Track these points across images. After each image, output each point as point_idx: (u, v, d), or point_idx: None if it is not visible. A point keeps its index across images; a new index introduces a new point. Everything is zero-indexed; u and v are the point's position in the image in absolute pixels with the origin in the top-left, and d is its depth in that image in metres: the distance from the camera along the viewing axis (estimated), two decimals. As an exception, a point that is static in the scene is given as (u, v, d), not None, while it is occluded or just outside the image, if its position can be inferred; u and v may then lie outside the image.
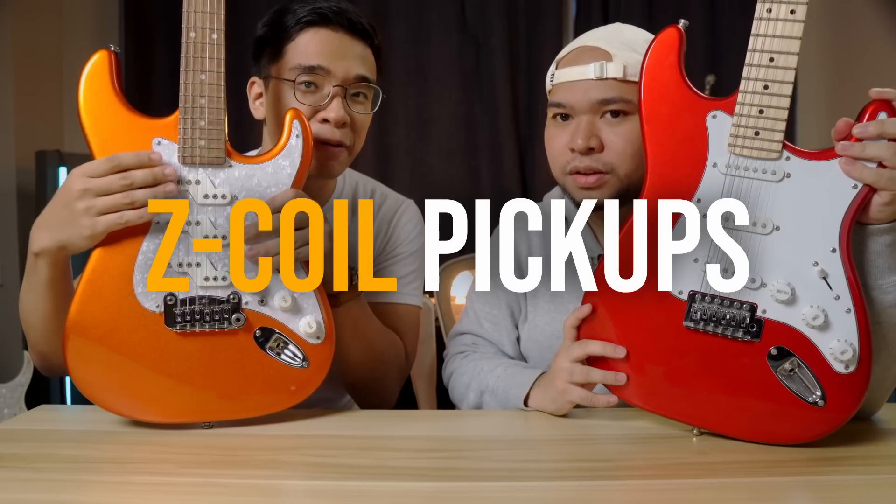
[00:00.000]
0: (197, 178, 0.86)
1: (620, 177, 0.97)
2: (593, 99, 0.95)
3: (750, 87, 0.78)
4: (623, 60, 0.95)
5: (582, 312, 0.89)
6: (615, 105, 0.95)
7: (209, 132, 0.85)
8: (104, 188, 0.81)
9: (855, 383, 0.76)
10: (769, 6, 0.76)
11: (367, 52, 1.04)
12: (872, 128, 0.74)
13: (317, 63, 0.98)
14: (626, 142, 0.95)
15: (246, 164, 0.87)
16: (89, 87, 0.85)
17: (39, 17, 2.87)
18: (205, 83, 0.84)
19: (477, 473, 0.74)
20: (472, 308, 1.15)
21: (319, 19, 0.99)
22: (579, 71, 0.96)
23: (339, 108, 0.99)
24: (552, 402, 0.92)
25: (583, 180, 0.97)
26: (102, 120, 0.85)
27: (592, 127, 0.96)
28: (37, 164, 2.51)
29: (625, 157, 0.96)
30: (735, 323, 0.80)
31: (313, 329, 0.88)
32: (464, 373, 1.07)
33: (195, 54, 0.84)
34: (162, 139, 0.85)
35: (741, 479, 0.71)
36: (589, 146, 0.95)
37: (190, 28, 0.84)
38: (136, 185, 0.82)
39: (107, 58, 0.85)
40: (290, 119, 0.89)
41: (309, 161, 0.90)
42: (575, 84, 0.97)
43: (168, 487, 0.69)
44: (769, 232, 0.79)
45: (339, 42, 1.00)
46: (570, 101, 0.97)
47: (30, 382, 2.25)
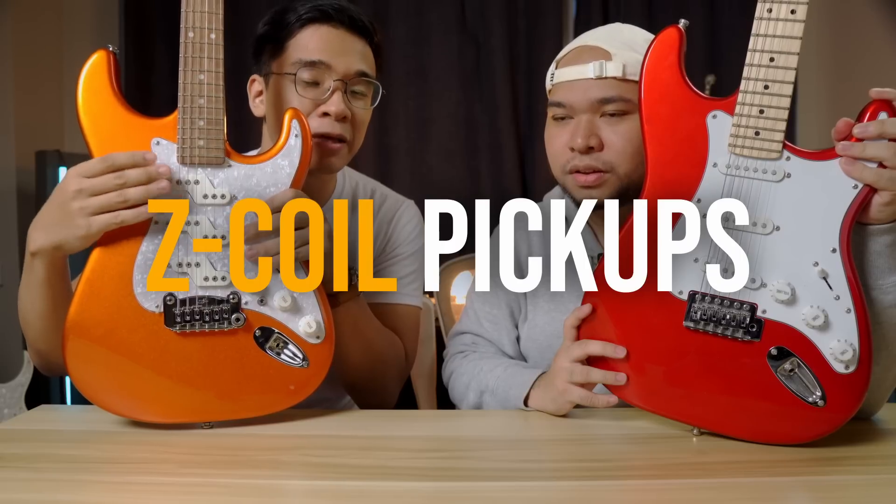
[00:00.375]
0: (196, 178, 0.86)
1: (620, 175, 0.97)
2: (593, 98, 0.95)
3: (750, 86, 0.78)
4: (622, 59, 0.95)
5: (582, 312, 0.89)
6: (615, 104, 0.95)
7: (208, 132, 0.85)
8: (98, 188, 0.81)
9: (855, 383, 0.76)
10: (769, 6, 0.76)
11: (366, 49, 1.05)
12: (873, 128, 0.75)
13: (318, 58, 0.99)
14: (625, 141, 0.95)
15: (245, 164, 0.87)
16: (88, 87, 0.85)
17: (39, 17, 2.87)
18: (203, 83, 0.85)
19: (477, 473, 0.74)
20: (472, 308, 1.15)
21: (321, 16, 1.01)
22: (579, 70, 0.96)
23: (340, 102, 1.00)
24: (552, 402, 0.93)
25: (583, 179, 0.97)
26: (101, 120, 0.85)
27: (592, 126, 0.96)
28: (37, 164, 2.50)
29: (624, 156, 0.96)
30: (735, 323, 0.80)
31: (313, 329, 0.88)
32: (464, 372, 1.07)
33: (194, 54, 0.84)
34: (161, 139, 0.85)
35: (741, 479, 0.71)
36: (588, 145, 0.95)
37: (188, 28, 0.84)
38: (129, 184, 0.82)
39: (105, 58, 0.85)
40: (288, 119, 0.89)
41: (308, 161, 0.90)
42: (574, 83, 0.97)
43: (168, 487, 0.69)
44: (769, 232, 0.79)
45: (339, 38, 1.01)
46: (569, 101, 0.97)
47: (30, 382, 2.25)
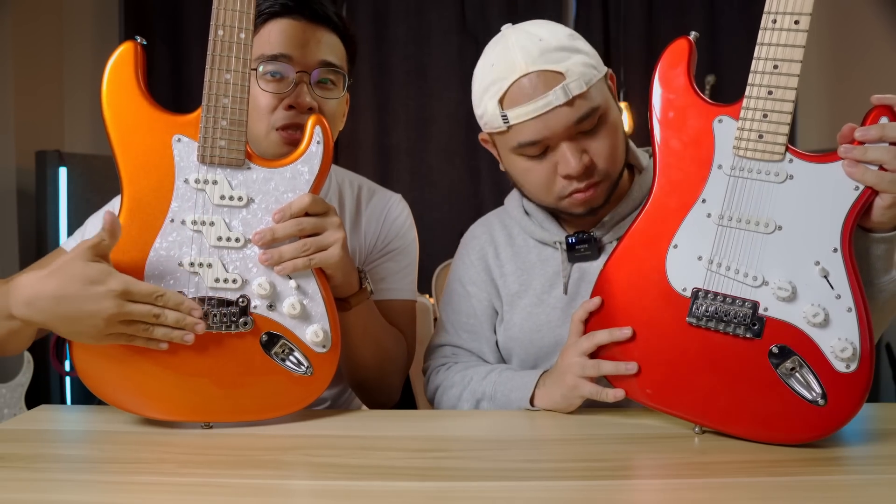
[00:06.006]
0: (215, 178, 0.85)
1: (612, 176, 0.98)
2: (569, 123, 0.92)
3: (755, 92, 0.79)
4: (575, 72, 0.91)
5: (591, 305, 0.89)
6: (590, 119, 0.92)
7: (230, 132, 0.84)
8: (135, 315, 0.79)
9: (856, 383, 0.76)
10: (774, 17, 0.78)
11: (332, 39, 1.03)
12: (874, 131, 0.76)
13: (279, 51, 0.99)
14: (608, 144, 0.95)
15: (265, 168, 0.87)
16: (113, 79, 0.84)
17: (39, 17, 2.87)
18: (229, 83, 0.84)
19: (477, 473, 0.73)
20: (448, 320, 1.14)
21: (281, 10, 1.00)
22: (544, 102, 0.91)
23: (304, 93, 0.99)
24: (562, 399, 0.92)
25: (582, 197, 0.96)
26: (124, 112, 0.84)
27: (578, 147, 0.93)
28: (37, 164, 2.50)
29: (612, 159, 0.96)
30: (737, 320, 0.80)
31: (320, 338, 0.88)
32: (453, 384, 1.06)
33: (222, 53, 0.83)
34: (182, 136, 0.85)
35: (741, 479, 0.71)
36: (584, 165, 0.93)
37: (219, 26, 0.83)
38: (163, 322, 0.81)
39: (132, 50, 0.85)
40: (311, 125, 0.89)
41: (328, 168, 0.89)
42: (544, 117, 0.92)
43: (168, 487, 0.69)
44: (772, 231, 0.80)
45: (301, 30, 1.00)
46: (544, 135, 0.93)
47: (30, 382, 2.24)
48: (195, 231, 0.85)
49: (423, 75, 3.11)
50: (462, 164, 3.11)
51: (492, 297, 1.10)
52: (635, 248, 0.87)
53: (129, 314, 0.79)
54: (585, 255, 1.02)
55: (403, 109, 3.10)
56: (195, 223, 0.85)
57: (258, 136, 0.99)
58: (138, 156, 0.85)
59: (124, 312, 0.78)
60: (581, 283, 1.03)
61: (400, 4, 3.12)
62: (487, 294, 1.10)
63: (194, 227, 0.85)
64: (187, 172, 0.85)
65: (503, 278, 1.09)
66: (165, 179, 0.85)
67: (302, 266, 0.87)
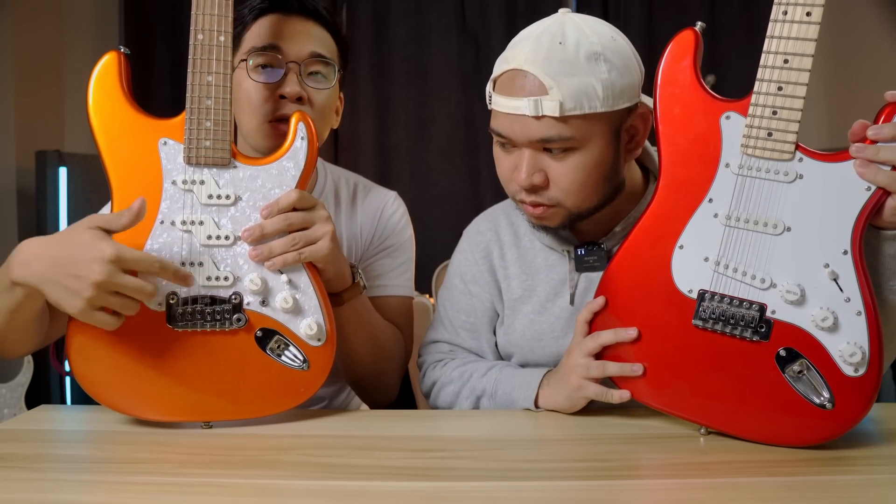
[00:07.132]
0: (202, 178, 0.86)
1: (569, 207, 0.92)
2: (531, 137, 0.88)
3: (764, 87, 0.77)
4: (560, 94, 0.85)
5: (596, 305, 0.88)
6: (555, 144, 0.88)
7: (215, 133, 0.86)
8: (123, 286, 0.79)
9: (864, 387, 0.76)
10: (785, 8, 0.76)
11: (322, 33, 1.05)
12: (887, 130, 0.74)
13: (269, 43, 1.00)
14: (572, 175, 0.89)
15: (251, 166, 0.88)
16: (98, 88, 0.86)
17: (39, 17, 2.87)
18: (211, 84, 0.85)
19: (478, 473, 0.73)
20: (447, 316, 1.11)
21: (271, 6, 1.02)
22: (514, 104, 0.87)
23: (294, 83, 1.00)
24: (567, 400, 0.91)
25: (530, 210, 0.94)
26: (110, 119, 0.86)
27: (535, 162, 0.89)
28: (37, 164, 2.50)
29: (570, 193, 0.90)
30: (744, 323, 0.79)
31: (314, 331, 0.88)
32: (451, 380, 1.04)
33: (202, 56, 0.85)
34: (168, 139, 0.86)
35: (742, 479, 0.71)
36: (532, 182, 0.89)
37: (198, 30, 0.85)
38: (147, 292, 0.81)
39: (116, 59, 0.87)
40: (295, 121, 0.90)
41: (314, 162, 0.90)
42: (511, 117, 0.89)
43: (168, 487, 0.69)
44: (780, 232, 0.78)
45: (290, 24, 1.02)
46: (508, 134, 0.90)
47: (30, 382, 2.24)
48: (185, 231, 0.86)
49: (423, 75, 3.11)
50: (462, 164, 3.10)
51: (494, 299, 1.09)
52: (640, 248, 0.86)
53: (118, 285, 0.78)
54: (594, 265, 0.99)
55: (403, 109, 3.09)
56: (185, 223, 0.86)
57: (250, 130, 1.01)
58: (126, 161, 0.86)
59: (113, 282, 0.78)
60: (587, 293, 1.00)
61: (400, 4, 3.11)
62: (490, 295, 1.09)
63: (184, 228, 0.86)
64: (175, 174, 0.86)
65: (507, 280, 1.07)
66: (154, 182, 0.86)
67: (292, 260, 0.87)
